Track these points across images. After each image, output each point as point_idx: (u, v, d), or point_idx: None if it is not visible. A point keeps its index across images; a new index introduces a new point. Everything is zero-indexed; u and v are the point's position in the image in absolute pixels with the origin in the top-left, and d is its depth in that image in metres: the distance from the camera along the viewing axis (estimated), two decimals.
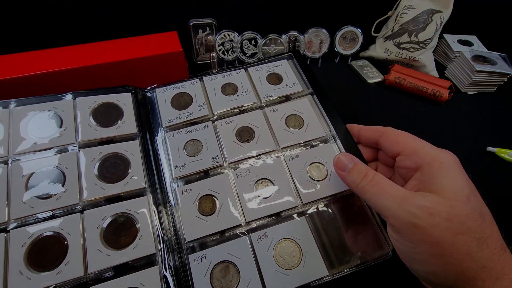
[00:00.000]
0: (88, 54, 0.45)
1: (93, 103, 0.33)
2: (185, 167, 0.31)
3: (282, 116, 0.35)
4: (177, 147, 0.32)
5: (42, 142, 0.30)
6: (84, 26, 0.52)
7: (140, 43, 0.48)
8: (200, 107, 0.35)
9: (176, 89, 0.37)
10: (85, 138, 0.31)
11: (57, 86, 0.44)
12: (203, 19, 0.53)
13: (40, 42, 0.47)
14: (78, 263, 0.25)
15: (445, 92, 0.50)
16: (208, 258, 0.26)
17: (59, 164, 0.29)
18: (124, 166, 0.30)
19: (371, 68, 0.57)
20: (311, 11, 0.59)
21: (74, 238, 0.26)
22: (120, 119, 0.33)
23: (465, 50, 0.55)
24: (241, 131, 0.34)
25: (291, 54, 0.41)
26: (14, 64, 0.42)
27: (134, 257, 0.26)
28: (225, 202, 0.29)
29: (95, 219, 0.27)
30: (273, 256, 0.27)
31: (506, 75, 0.52)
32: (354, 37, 0.57)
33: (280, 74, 0.39)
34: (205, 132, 0.34)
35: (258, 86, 0.38)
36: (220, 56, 0.55)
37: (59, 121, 0.31)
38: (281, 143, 0.33)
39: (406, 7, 0.54)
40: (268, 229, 0.28)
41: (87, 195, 0.28)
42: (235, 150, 0.32)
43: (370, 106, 0.50)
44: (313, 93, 0.37)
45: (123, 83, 0.48)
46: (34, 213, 0.26)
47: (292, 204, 0.29)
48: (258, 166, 0.32)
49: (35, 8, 0.48)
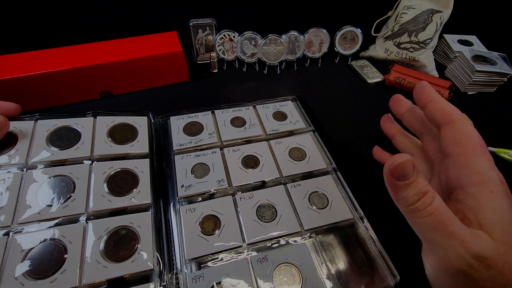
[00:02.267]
0: (88, 54, 0.45)
1: (111, 122, 0.36)
2: (191, 187, 0.33)
3: (286, 148, 0.38)
4: (185, 169, 0.34)
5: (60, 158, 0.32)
6: (84, 26, 0.52)
7: (140, 43, 0.48)
8: (210, 135, 0.39)
9: (189, 118, 0.41)
10: (99, 153, 0.33)
11: (57, 86, 0.44)
12: (203, 19, 0.53)
13: (40, 42, 0.47)
14: (74, 273, 0.25)
15: (445, 92, 0.50)
16: (207, 278, 0.26)
17: (70, 174, 0.30)
18: (132, 182, 0.31)
19: (371, 68, 0.57)
20: (311, 11, 0.59)
21: (74, 246, 0.26)
22: (134, 139, 0.35)
23: (465, 50, 0.55)
24: (247, 158, 0.36)
25: (295, 97, 0.46)
26: (14, 64, 0.42)
27: (131, 272, 0.25)
28: (227, 223, 0.30)
29: (98, 230, 0.27)
30: (273, 280, 0.26)
31: (506, 75, 0.52)
32: (354, 37, 0.57)
33: (285, 112, 0.43)
34: (213, 157, 0.36)
35: (265, 121, 0.42)
36: (220, 56, 0.55)
37: (77, 137, 0.34)
38: (284, 172, 0.35)
39: (406, 7, 0.54)
40: (268, 252, 0.28)
41: (93, 206, 0.29)
42: (240, 175, 0.34)
43: (370, 106, 0.50)
44: (314, 130, 0.41)
45: (123, 83, 0.48)
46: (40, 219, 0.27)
47: (293, 229, 0.30)
48: (261, 192, 0.33)
49: (35, 8, 0.48)
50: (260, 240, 0.29)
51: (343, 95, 0.52)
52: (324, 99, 0.50)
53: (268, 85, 0.53)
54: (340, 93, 0.53)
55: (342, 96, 0.52)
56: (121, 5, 0.51)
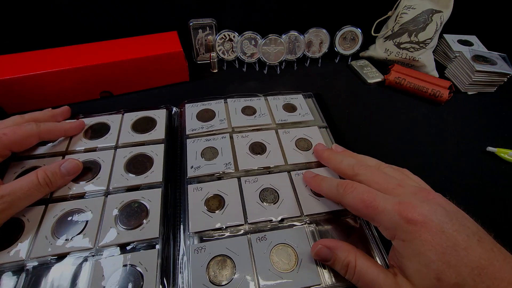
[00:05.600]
0: (88, 54, 0.45)
1: (135, 116, 0.41)
2: (199, 168, 0.35)
3: (293, 138, 0.39)
4: (195, 152, 0.37)
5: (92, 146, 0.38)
6: (84, 26, 0.52)
7: (140, 43, 0.48)
8: (221, 122, 0.41)
9: (203, 106, 0.43)
10: (123, 141, 0.38)
11: (57, 86, 0.44)
12: (203, 19, 0.53)
13: (40, 42, 0.47)
14: (92, 235, 0.29)
15: (445, 92, 0.50)
16: (207, 250, 0.28)
17: (98, 158, 0.36)
18: (148, 164, 0.35)
19: (371, 68, 0.57)
20: (311, 11, 0.59)
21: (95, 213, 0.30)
22: (153, 128, 0.40)
23: (465, 50, 0.55)
24: (254, 145, 0.38)
25: (310, 94, 0.48)
26: (14, 64, 0.42)
27: (139, 238, 0.29)
28: (231, 203, 0.32)
29: (114, 202, 0.31)
30: (270, 258, 0.28)
31: (506, 75, 0.52)
32: (354, 37, 0.57)
33: (295, 105, 0.45)
34: (222, 142, 0.38)
35: (275, 111, 0.43)
36: (220, 56, 0.55)
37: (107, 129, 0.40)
38: (289, 160, 0.36)
39: (406, 7, 0.54)
40: (267, 232, 0.29)
41: (113, 182, 0.33)
42: (247, 160, 0.36)
43: (370, 106, 0.50)
44: (327, 127, 0.42)
45: (123, 83, 0.48)
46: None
47: (294, 214, 0.31)
48: (265, 177, 0.34)
49: (35, 8, 0.48)
50: (261, 220, 0.30)
51: (343, 95, 0.52)
52: (324, 99, 0.50)
53: (268, 85, 0.53)
54: (340, 93, 0.53)
55: (342, 96, 0.52)
56: (121, 5, 0.51)
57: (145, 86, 0.50)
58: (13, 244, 0.27)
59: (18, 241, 0.28)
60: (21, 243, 0.28)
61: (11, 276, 0.26)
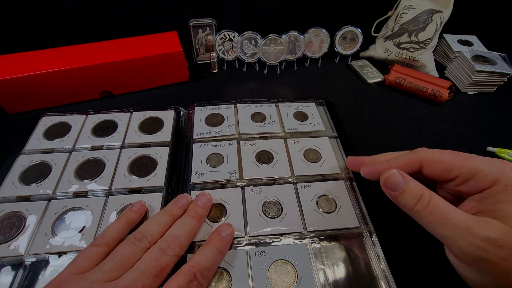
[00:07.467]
0: (88, 54, 0.45)
1: (143, 116, 0.41)
2: (204, 175, 0.34)
3: (302, 148, 0.38)
4: (201, 157, 0.36)
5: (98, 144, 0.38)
6: (84, 26, 0.52)
7: (140, 43, 0.48)
8: (229, 127, 0.40)
9: (212, 110, 0.43)
10: (129, 141, 0.38)
11: (57, 86, 0.44)
12: (203, 19, 0.53)
13: (40, 42, 0.47)
14: (90, 236, 0.29)
15: (445, 92, 0.50)
16: None
17: (103, 157, 0.36)
18: (151, 166, 0.35)
19: (371, 68, 0.57)
20: (311, 11, 0.59)
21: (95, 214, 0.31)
22: (160, 129, 0.40)
23: (465, 50, 0.55)
24: (261, 154, 0.37)
25: (322, 101, 0.46)
26: (14, 64, 0.42)
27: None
28: (233, 213, 0.31)
29: (115, 204, 0.31)
30: (268, 274, 0.26)
31: (506, 75, 0.52)
32: (354, 37, 0.57)
33: (306, 113, 0.43)
34: (229, 149, 0.37)
35: (285, 119, 0.42)
36: (220, 56, 0.55)
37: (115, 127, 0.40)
38: (296, 172, 0.35)
39: (406, 7, 0.54)
40: (267, 247, 0.28)
41: (116, 183, 0.33)
42: (252, 169, 0.35)
43: (370, 106, 0.50)
44: (337, 137, 0.40)
45: (123, 83, 0.48)
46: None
47: (296, 229, 0.30)
48: (270, 188, 0.33)
49: (34, 8, 0.48)
50: (261, 234, 0.29)
51: (343, 95, 0.52)
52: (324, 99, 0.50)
53: (268, 85, 0.53)
54: (340, 93, 0.52)
55: (342, 96, 0.52)
56: (121, 5, 0.51)
57: (145, 86, 0.50)
58: (14, 238, 0.28)
59: (20, 234, 0.28)
60: (22, 237, 0.28)
61: (9, 270, 0.26)
